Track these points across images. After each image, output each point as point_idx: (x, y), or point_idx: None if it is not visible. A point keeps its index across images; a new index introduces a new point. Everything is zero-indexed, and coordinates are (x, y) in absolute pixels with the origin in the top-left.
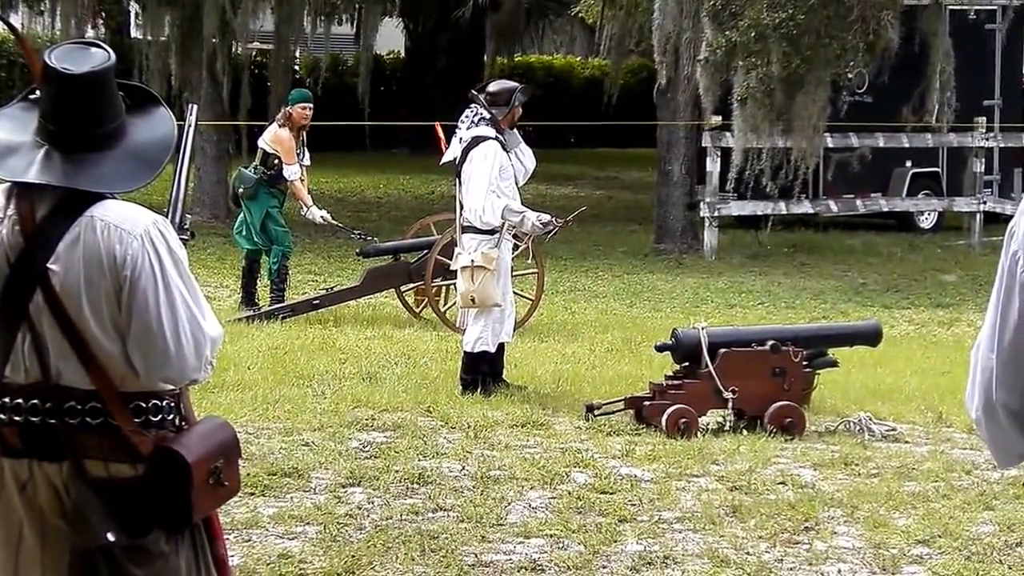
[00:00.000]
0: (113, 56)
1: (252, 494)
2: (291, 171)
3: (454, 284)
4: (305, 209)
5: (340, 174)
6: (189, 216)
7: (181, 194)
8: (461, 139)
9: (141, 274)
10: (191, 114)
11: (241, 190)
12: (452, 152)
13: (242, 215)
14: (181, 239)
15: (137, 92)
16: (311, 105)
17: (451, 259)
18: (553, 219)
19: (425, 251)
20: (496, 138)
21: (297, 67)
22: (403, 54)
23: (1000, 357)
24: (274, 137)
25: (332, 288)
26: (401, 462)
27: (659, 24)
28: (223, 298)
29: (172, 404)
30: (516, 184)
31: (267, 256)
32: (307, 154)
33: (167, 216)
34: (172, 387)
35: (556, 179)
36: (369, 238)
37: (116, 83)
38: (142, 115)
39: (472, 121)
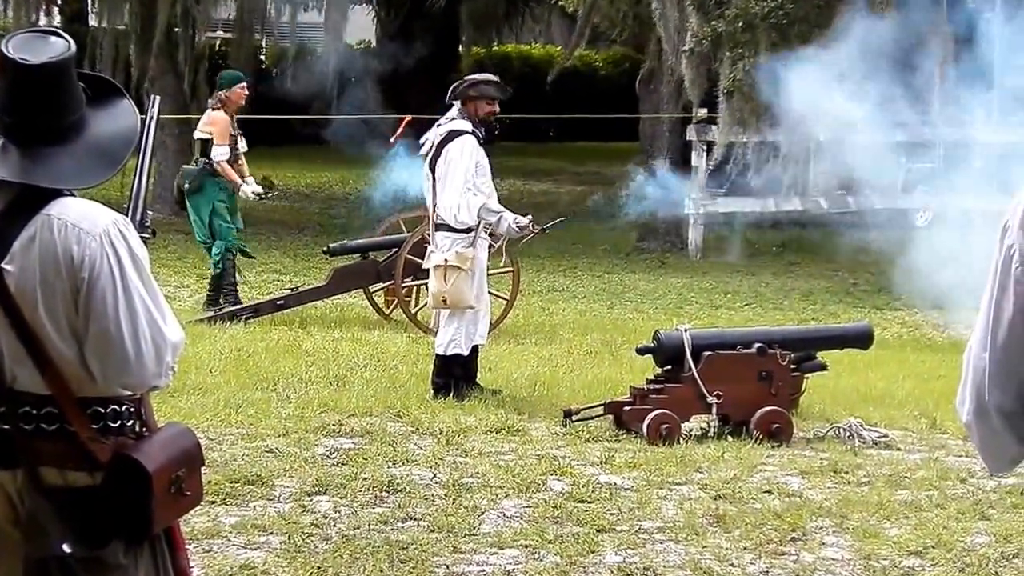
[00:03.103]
0: (73, 46)
1: (213, 503)
2: (219, 151)
3: (425, 284)
4: (238, 188)
5: (307, 168)
6: (151, 213)
7: (142, 190)
8: (439, 134)
9: (100, 276)
10: (153, 106)
11: (187, 186)
12: (427, 146)
13: (192, 214)
14: (142, 238)
15: (99, 83)
16: (245, 84)
17: (422, 258)
18: (530, 224)
19: (395, 249)
20: (473, 132)
21: (263, 57)
22: (374, 43)
23: (993, 356)
24: (209, 119)
25: (298, 288)
26: (369, 469)
27: (660, 14)
28: (184, 298)
29: (132, 410)
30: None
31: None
32: (243, 141)
33: (127, 214)
34: (131, 392)
35: (534, 174)
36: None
37: (77, 73)
38: (104, 107)
39: (449, 116)
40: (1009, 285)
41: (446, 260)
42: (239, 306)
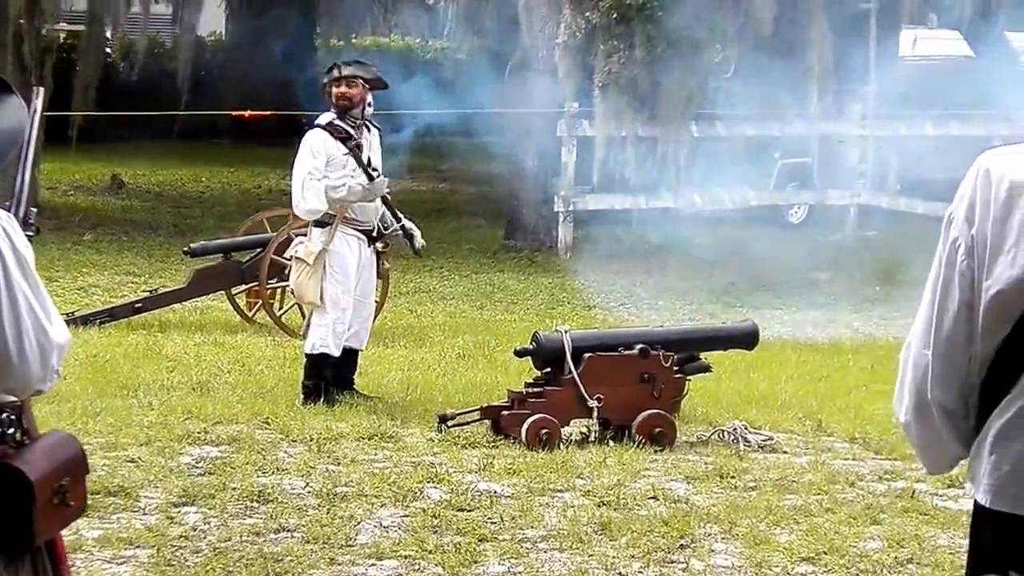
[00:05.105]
0: None
1: None
2: None
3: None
4: None
5: (158, 165)
6: (34, 210)
7: (25, 185)
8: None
9: None
10: (37, 98)
11: None
12: None
13: None
14: (26, 235)
15: None
16: None
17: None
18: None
19: (259, 250)
20: (328, 125)
21: (110, 50)
22: (225, 36)
23: (936, 351)
24: None
25: (155, 290)
26: (238, 479)
27: (523, 5)
28: None
29: (13, 417)
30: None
31: None
32: None
33: (9, 210)
34: (13, 398)
35: (393, 173)
36: None
37: None
38: None
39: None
40: (954, 278)
41: (296, 252)
42: (93, 310)
